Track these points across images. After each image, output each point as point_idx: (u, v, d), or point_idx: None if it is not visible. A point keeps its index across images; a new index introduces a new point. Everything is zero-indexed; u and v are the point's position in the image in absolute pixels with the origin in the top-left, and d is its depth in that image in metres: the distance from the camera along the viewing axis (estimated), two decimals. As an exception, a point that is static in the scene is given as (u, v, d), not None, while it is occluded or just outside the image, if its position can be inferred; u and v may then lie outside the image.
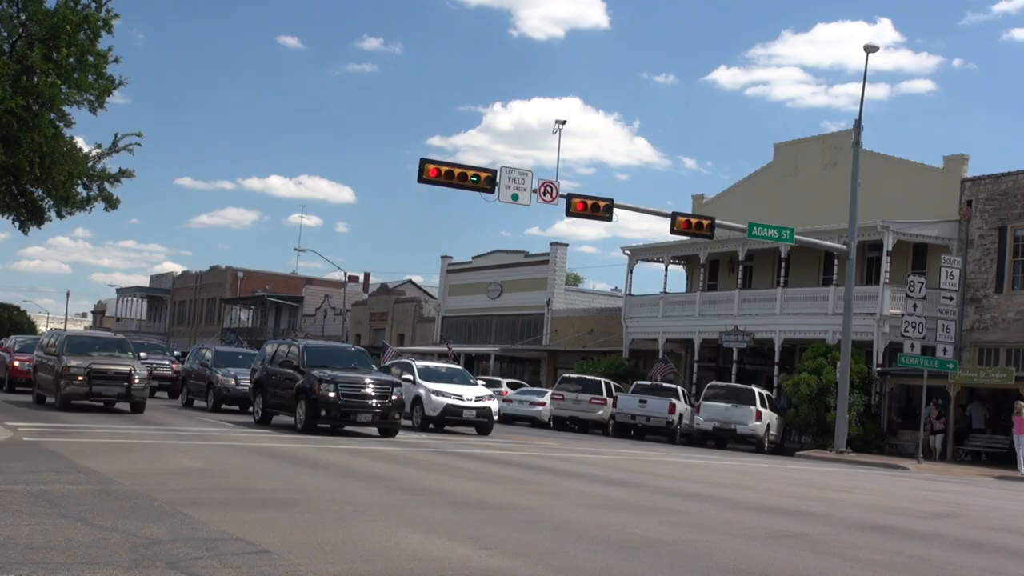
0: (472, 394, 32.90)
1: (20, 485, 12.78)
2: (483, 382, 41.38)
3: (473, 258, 72.83)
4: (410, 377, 33.22)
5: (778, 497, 18.86)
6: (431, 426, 32.76)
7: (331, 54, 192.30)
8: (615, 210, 35.54)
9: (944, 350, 38.83)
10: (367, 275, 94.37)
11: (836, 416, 38.07)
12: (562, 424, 44.60)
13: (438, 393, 32.37)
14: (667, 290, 53.49)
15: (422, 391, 32.55)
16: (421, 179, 32.88)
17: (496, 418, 34.06)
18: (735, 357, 47.15)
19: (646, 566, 10.19)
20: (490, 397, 33.89)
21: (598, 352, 56.26)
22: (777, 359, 45.99)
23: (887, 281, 41.76)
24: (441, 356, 58.19)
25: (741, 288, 49.26)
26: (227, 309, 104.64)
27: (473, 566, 9.51)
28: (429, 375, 33.94)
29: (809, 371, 41.13)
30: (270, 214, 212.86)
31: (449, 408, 32.15)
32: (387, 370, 34.04)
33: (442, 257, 75.14)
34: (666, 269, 54.29)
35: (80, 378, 27.88)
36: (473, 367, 60.06)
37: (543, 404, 45.70)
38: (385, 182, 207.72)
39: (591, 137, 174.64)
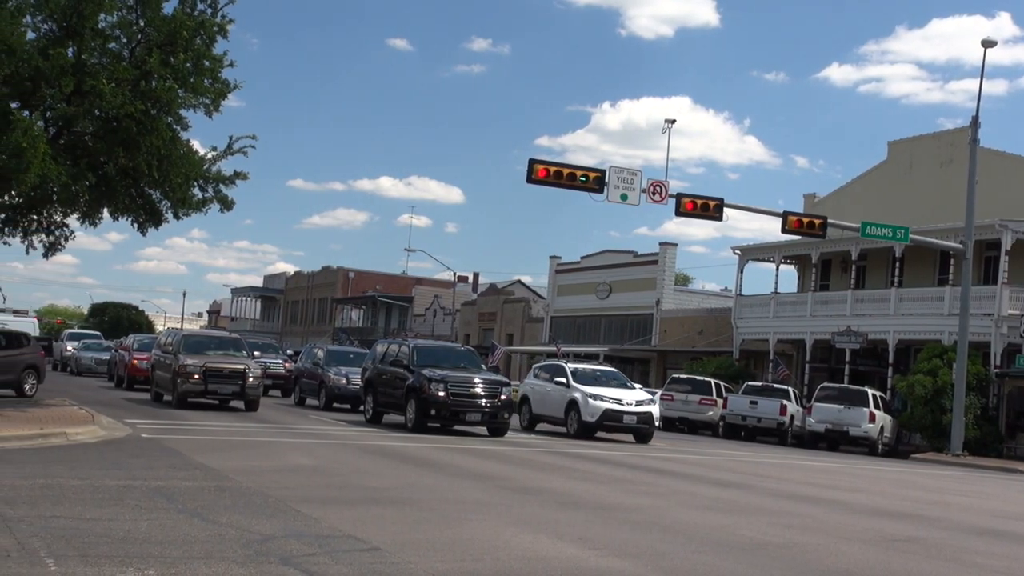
0: (632, 398, 30.70)
1: (139, 481, 13.10)
2: (639, 385, 37.73)
3: (582, 258, 72.71)
4: (563, 380, 31.26)
5: (892, 500, 18.55)
6: (586, 433, 30.24)
7: (440, 56, 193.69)
8: (725, 210, 35.21)
9: (1065, 352, 37.90)
10: (476, 275, 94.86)
11: (952, 419, 37.31)
12: (671, 425, 44.26)
13: (596, 397, 30.06)
14: (778, 290, 52.88)
15: (578, 395, 30.28)
16: (530, 179, 32.90)
17: (658, 424, 32.10)
18: (847, 358, 46.41)
19: (756, 568, 10.10)
20: (651, 401, 31.80)
21: (708, 352, 55.81)
22: (891, 360, 45.16)
23: (1005, 281, 40.73)
24: (550, 356, 58.19)
25: (854, 288, 48.48)
26: (338, 309, 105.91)
27: (582, 566, 9.51)
28: (584, 378, 31.45)
29: (924, 372, 40.29)
30: (380, 215, 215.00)
31: (608, 414, 29.82)
32: (496, 370, 33.87)
33: (551, 257, 75.17)
34: (777, 269, 53.70)
35: (196, 376, 28.48)
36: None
37: (652, 404, 45.32)
38: (494, 182, 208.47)
39: (701, 136, 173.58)
